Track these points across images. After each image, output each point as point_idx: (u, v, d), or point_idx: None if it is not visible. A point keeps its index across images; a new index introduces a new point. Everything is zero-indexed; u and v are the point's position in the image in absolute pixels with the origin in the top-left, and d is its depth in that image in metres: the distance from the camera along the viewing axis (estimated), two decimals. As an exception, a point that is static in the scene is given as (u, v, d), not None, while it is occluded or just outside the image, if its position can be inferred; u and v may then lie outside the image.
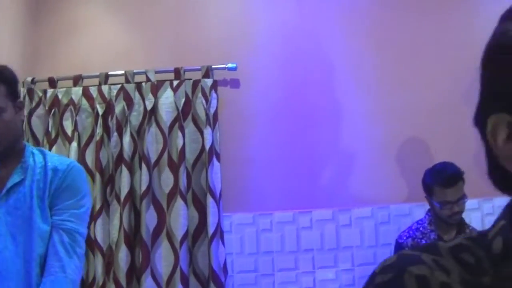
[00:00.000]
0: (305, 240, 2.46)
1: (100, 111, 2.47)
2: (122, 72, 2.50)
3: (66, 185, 1.47)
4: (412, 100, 2.67)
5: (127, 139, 2.42)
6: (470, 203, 2.89)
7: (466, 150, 2.85)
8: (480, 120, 0.62)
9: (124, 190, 2.38)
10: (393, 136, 2.62)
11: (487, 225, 2.93)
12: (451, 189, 2.35)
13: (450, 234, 2.47)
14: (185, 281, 2.34)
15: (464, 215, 2.88)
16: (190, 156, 2.46)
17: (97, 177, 2.41)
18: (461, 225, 2.50)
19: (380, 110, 2.56)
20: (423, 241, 2.41)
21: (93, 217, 2.37)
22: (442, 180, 2.36)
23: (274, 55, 2.61)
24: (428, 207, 2.48)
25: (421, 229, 2.45)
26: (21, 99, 1.52)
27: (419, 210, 2.59)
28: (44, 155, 1.51)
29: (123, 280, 2.32)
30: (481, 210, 2.95)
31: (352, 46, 2.66)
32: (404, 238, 2.44)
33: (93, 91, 2.51)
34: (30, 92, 2.51)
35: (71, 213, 1.46)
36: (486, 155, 0.63)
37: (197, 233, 2.42)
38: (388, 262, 0.58)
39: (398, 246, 2.44)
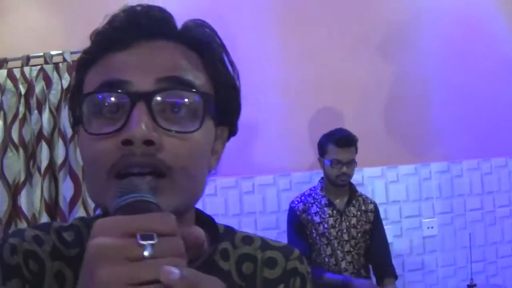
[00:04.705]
0: (210, 206, 2.70)
1: (23, 91, 2.66)
2: (42, 54, 2.69)
3: None
4: (319, 73, 2.89)
5: (46, 116, 2.62)
6: (374, 171, 3.14)
7: (374, 122, 3.08)
8: None
9: (44, 163, 2.59)
10: (300, 108, 2.85)
11: (391, 192, 3.19)
12: (344, 150, 2.54)
13: (342, 199, 2.67)
14: (100, 245, 2.56)
15: (368, 182, 3.13)
16: (104, 131, 2.66)
17: (21, 151, 2.62)
18: (352, 192, 2.70)
19: (286, 83, 2.76)
20: (314, 206, 2.61)
21: (19, 188, 2.60)
22: (337, 139, 2.55)
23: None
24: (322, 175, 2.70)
25: (313, 194, 2.65)
26: None
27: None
28: None
29: (45, 246, 2.53)
30: (385, 177, 3.19)
31: (259, 19, 2.87)
32: (296, 203, 2.64)
33: (16, 73, 2.69)
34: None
35: None
36: None
37: (111, 201, 2.64)
38: (9, 232, 0.76)
39: (290, 210, 2.64)
